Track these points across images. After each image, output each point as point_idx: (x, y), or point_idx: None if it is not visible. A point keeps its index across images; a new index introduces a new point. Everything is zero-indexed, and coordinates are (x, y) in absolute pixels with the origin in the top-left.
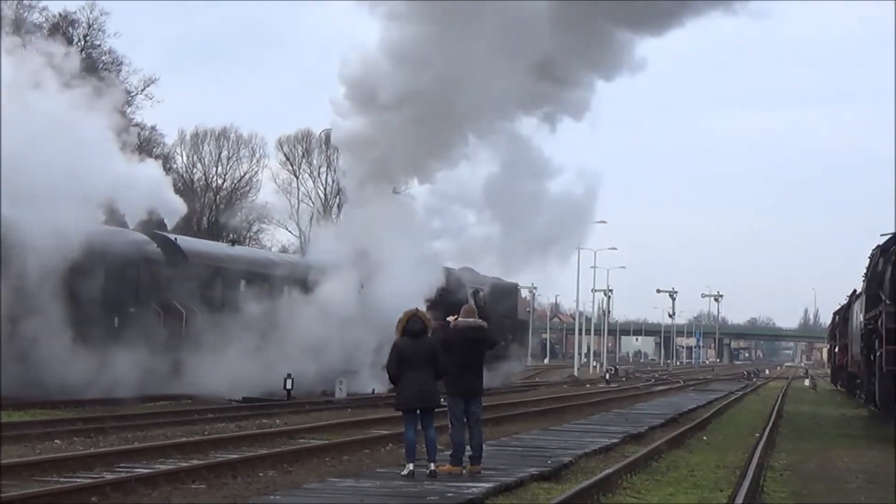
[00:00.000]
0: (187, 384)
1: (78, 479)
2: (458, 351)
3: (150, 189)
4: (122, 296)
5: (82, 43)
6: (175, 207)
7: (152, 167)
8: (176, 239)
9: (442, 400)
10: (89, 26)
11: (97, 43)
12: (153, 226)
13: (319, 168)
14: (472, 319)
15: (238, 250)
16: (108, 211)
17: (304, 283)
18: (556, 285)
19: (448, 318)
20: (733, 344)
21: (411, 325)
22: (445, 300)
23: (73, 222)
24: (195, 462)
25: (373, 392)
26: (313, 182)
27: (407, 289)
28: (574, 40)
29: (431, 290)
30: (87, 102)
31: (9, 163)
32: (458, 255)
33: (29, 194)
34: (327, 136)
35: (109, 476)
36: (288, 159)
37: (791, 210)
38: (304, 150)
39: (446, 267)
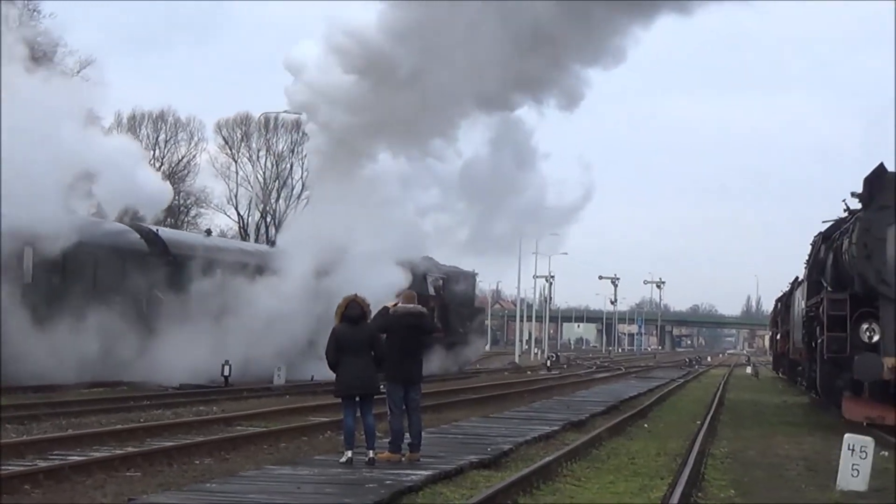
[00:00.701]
0: (138, 370)
1: (10, 467)
2: (398, 337)
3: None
4: (82, 284)
5: (17, 23)
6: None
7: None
8: (158, 230)
9: (381, 387)
10: (24, 6)
11: (32, 23)
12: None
13: (258, 152)
14: (411, 305)
15: (211, 240)
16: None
17: (268, 272)
18: (497, 271)
19: (387, 305)
20: (675, 331)
21: (350, 311)
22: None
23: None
24: (130, 449)
25: (311, 379)
26: (252, 166)
27: (375, 278)
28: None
29: (403, 281)
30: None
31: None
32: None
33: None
34: (266, 120)
35: (42, 464)
36: (227, 143)
37: (734, 197)
38: (242, 133)
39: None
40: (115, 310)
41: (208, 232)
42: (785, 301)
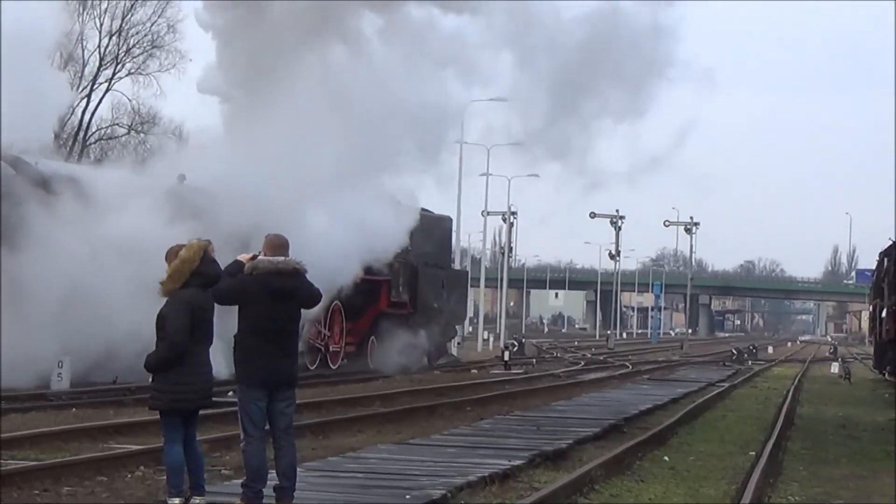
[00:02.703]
0: None
1: None
2: (258, 311)
3: None
4: None
5: None
6: None
7: None
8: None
9: (230, 393)
10: None
11: None
12: None
13: None
14: (279, 258)
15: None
16: None
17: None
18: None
19: (240, 257)
20: (715, 304)
21: (205, 268)
22: None
23: None
24: None
25: (114, 381)
26: None
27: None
28: None
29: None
30: None
31: None
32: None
33: None
34: None
35: None
36: None
37: (816, 87)
38: None
39: None
40: None
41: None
42: None
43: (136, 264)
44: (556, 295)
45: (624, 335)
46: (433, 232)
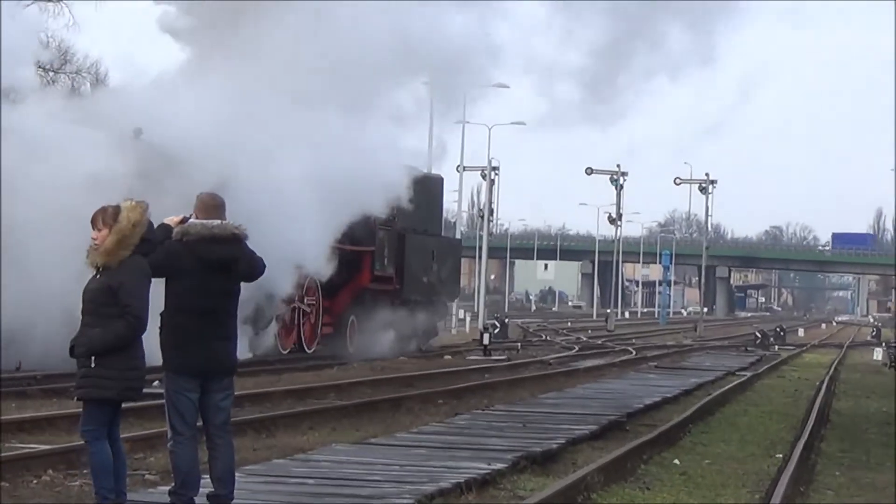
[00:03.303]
0: None
1: None
2: (189, 284)
3: None
4: None
5: None
6: None
7: None
8: None
9: (155, 383)
10: None
11: None
12: None
13: None
14: (215, 222)
15: None
16: None
17: None
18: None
19: (167, 220)
20: (735, 278)
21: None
22: None
23: None
24: None
25: (17, 368)
26: None
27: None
28: None
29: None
30: None
31: None
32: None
33: None
34: None
35: None
36: None
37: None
38: None
39: None
40: None
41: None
42: None
43: (61, 233)
44: (546, 266)
45: (626, 314)
46: (421, 194)
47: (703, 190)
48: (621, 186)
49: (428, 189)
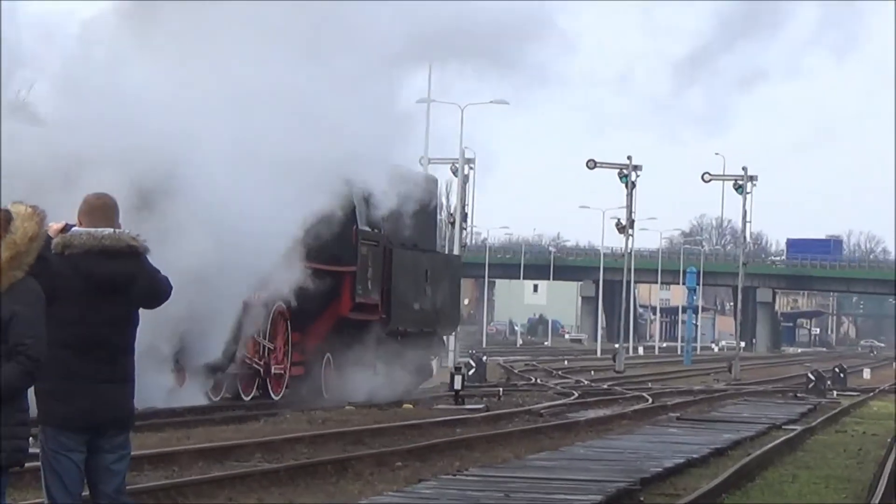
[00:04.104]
0: None
1: None
2: (71, 311)
3: None
4: None
5: None
6: None
7: None
8: None
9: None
10: None
11: None
12: None
13: None
14: (105, 231)
15: None
16: None
17: None
18: None
19: (49, 227)
20: (782, 303)
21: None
22: None
23: None
24: None
25: None
26: None
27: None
28: None
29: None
30: None
31: None
32: None
33: None
34: None
35: None
36: None
37: None
38: None
39: None
40: None
41: None
42: None
43: None
44: (536, 288)
45: (640, 350)
46: (417, 197)
47: (739, 189)
48: (633, 185)
49: (422, 192)
